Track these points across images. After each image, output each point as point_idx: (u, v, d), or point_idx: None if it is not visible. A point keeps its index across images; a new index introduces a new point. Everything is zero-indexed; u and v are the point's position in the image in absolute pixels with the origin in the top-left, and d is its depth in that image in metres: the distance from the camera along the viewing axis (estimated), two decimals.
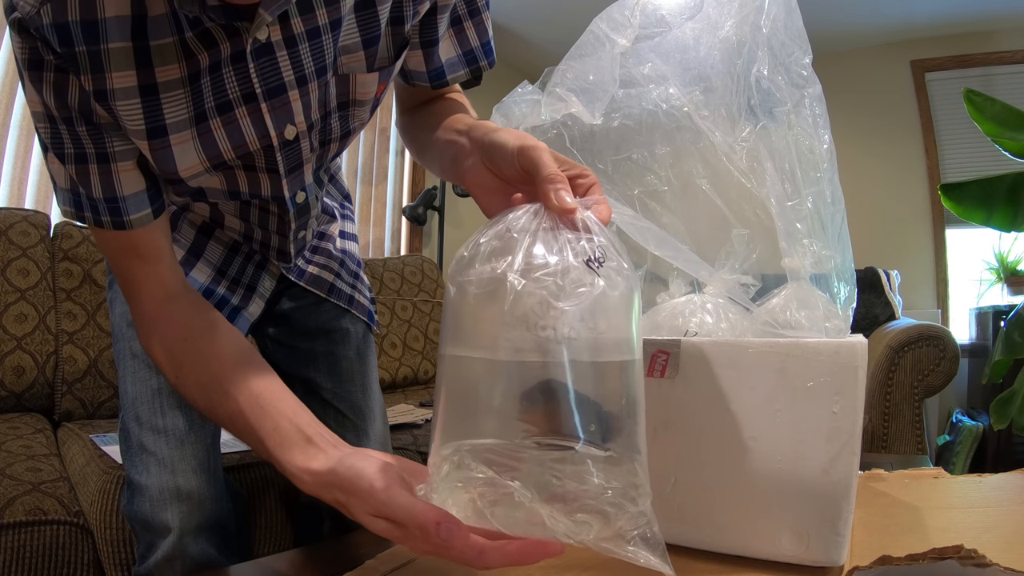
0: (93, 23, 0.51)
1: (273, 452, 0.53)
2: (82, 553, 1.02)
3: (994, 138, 2.13)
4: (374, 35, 0.61)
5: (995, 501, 0.67)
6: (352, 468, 0.47)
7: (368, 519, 0.46)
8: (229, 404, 0.56)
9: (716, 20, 0.56)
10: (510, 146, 0.49)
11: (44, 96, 0.54)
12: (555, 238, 0.40)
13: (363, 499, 0.46)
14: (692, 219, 0.60)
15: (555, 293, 0.38)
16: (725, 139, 0.54)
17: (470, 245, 0.42)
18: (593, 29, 0.61)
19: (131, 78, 0.54)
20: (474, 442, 0.39)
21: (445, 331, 0.42)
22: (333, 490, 0.48)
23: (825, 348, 0.49)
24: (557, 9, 3.07)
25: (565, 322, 0.38)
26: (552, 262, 0.39)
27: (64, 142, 0.56)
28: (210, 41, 0.54)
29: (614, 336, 0.40)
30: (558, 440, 0.37)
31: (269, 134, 0.60)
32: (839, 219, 0.54)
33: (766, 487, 0.51)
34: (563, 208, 0.42)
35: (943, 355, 2.03)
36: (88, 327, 1.63)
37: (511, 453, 0.38)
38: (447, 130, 0.63)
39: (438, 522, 0.40)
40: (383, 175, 3.16)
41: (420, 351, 2.40)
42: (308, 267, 0.90)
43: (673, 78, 0.57)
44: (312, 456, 0.51)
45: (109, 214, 0.59)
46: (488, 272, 0.40)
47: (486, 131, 0.54)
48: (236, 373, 0.57)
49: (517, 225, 0.42)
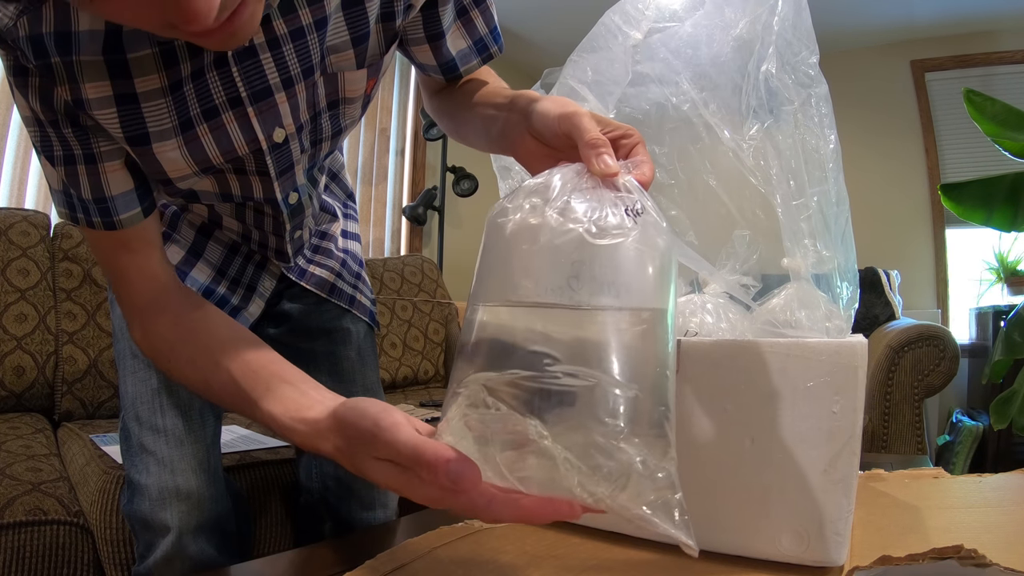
0: (67, 35, 0.51)
1: (267, 410, 0.51)
2: (82, 553, 1.02)
3: (994, 138, 2.13)
4: (363, 32, 0.61)
5: (995, 501, 0.67)
6: (354, 408, 0.45)
7: (371, 464, 0.42)
8: (221, 374, 0.55)
9: (729, 17, 0.56)
10: (552, 114, 0.49)
11: (30, 101, 0.55)
12: (595, 193, 0.40)
13: (366, 440, 0.42)
14: (698, 215, 0.59)
15: (592, 232, 0.37)
16: (733, 137, 0.54)
17: (511, 195, 0.42)
18: (605, 22, 0.61)
19: (106, 88, 0.54)
20: (491, 374, 0.37)
21: (478, 274, 0.41)
22: (332, 436, 0.46)
23: (825, 348, 0.49)
24: (558, 10, 3.07)
25: (599, 262, 0.37)
26: (593, 209, 0.39)
27: (53, 145, 0.57)
28: (192, 49, 0.55)
29: (646, 283, 0.38)
30: (583, 370, 0.35)
31: (258, 138, 0.60)
32: (843, 220, 0.54)
33: (766, 487, 0.51)
34: (605, 173, 0.41)
35: (943, 355, 2.03)
36: (88, 327, 1.64)
37: (530, 386, 0.35)
38: (486, 105, 0.63)
39: (447, 460, 0.37)
40: (383, 175, 3.16)
41: (420, 351, 2.40)
42: (309, 267, 0.90)
43: (684, 73, 0.57)
44: (307, 407, 0.49)
45: (99, 215, 0.59)
46: (526, 213, 0.39)
47: (528, 101, 0.54)
48: (227, 344, 0.57)
49: (558, 181, 0.41)
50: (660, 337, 0.39)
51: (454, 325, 2.53)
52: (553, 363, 0.36)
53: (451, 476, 0.36)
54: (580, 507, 0.36)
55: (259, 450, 1.30)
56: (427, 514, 0.79)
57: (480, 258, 0.41)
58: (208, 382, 0.57)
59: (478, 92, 0.66)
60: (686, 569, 0.52)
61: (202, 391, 0.59)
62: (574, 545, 0.57)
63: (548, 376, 0.35)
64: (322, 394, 0.51)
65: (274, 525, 1.24)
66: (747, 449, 0.51)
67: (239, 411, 0.56)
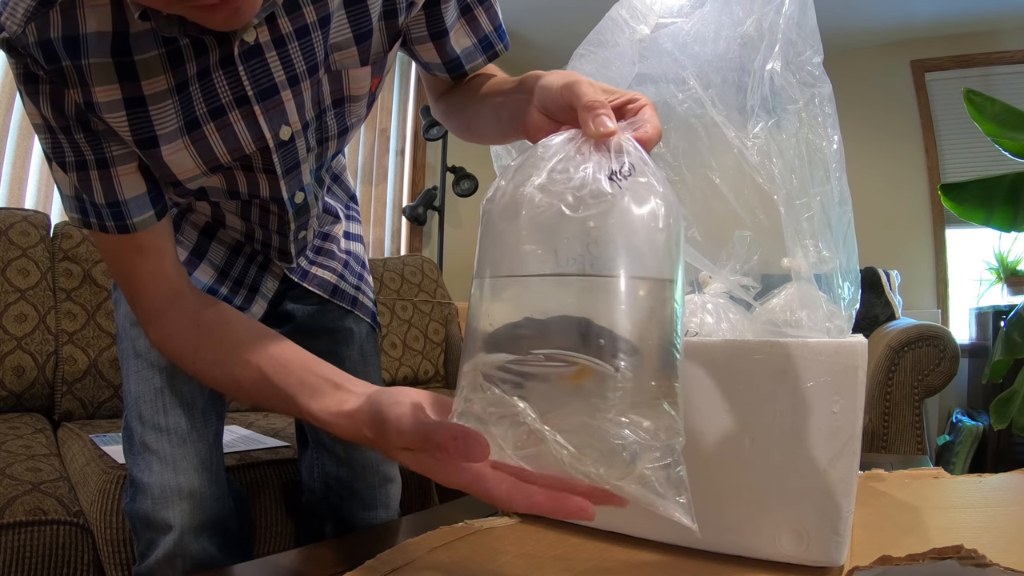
0: (75, 38, 0.51)
1: (304, 405, 0.52)
2: (82, 553, 1.02)
3: (994, 138, 2.13)
4: (366, 30, 0.61)
5: (995, 501, 0.67)
6: (376, 403, 0.46)
7: (398, 454, 0.44)
8: (251, 372, 0.56)
9: (737, 14, 0.56)
10: (555, 86, 0.48)
11: (41, 108, 0.55)
12: (583, 158, 0.39)
13: (389, 433, 0.44)
14: (702, 212, 0.59)
15: (571, 205, 0.36)
16: (738, 134, 0.54)
17: (502, 174, 0.41)
18: (612, 15, 0.61)
19: (115, 91, 0.54)
20: (487, 357, 0.37)
21: (477, 257, 0.41)
22: (364, 429, 0.47)
23: (825, 348, 0.49)
24: (559, 10, 3.07)
25: (579, 235, 0.36)
26: (574, 177, 0.37)
27: (65, 151, 0.57)
28: (199, 48, 0.55)
29: (635, 251, 0.36)
30: (568, 355, 0.34)
31: (264, 136, 0.61)
32: (846, 220, 0.54)
33: (766, 487, 0.51)
34: (601, 134, 0.40)
35: (943, 355, 2.02)
36: (88, 327, 1.63)
37: (521, 369, 0.35)
38: (495, 94, 0.63)
39: (454, 438, 0.37)
40: (383, 175, 3.16)
41: (420, 351, 2.40)
42: (312, 268, 0.90)
43: (690, 69, 0.57)
44: (342, 400, 0.50)
45: (112, 219, 0.59)
46: (511, 191, 0.39)
47: (535, 79, 0.53)
48: (252, 342, 0.58)
49: (548, 150, 0.40)
50: (659, 305, 0.37)
51: (454, 325, 2.53)
52: (540, 342, 0.35)
53: (461, 452, 0.37)
54: (592, 509, 0.36)
55: (259, 450, 1.30)
56: (427, 514, 0.79)
57: (478, 243, 0.41)
58: (239, 381, 0.58)
59: (486, 84, 0.66)
60: (686, 569, 0.52)
61: (233, 390, 0.60)
62: (574, 545, 0.57)
63: (533, 361, 0.35)
64: (355, 385, 0.52)
65: (274, 525, 1.24)
66: (747, 449, 0.51)
67: (274, 408, 0.57)
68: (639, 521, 0.57)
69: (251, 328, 0.61)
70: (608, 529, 0.59)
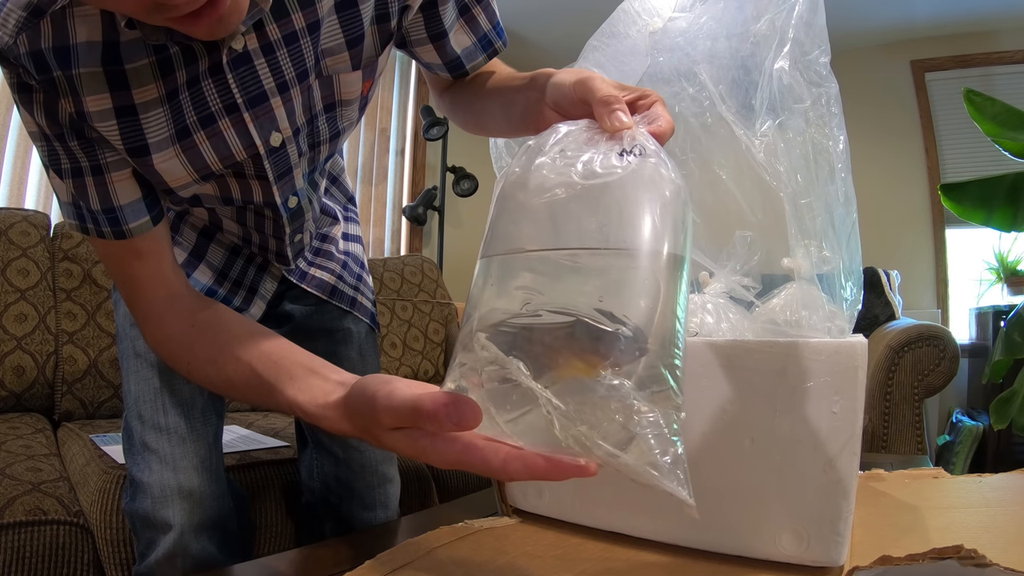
0: (65, 48, 0.52)
1: (293, 400, 0.52)
2: (82, 553, 1.02)
3: (994, 138, 2.13)
4: (358, 34, 0.61)
5: (995, 501, 0.67)
6: (356, 387, 0.45)
7: (387, 436, 0.42)
8: (243, 369, 0.56)
9: (749, 12, 0.56)
10: (567, 83, 0.49)
11: (36, 117, 0.55)
12: (595, 141, 0.39)
13: (373, 414, 0.42)
14: (708, 208, 0.59)
15: (581, 174, 0.36)
16: (746, 131, 0.54)
17: (516, 157, 0.41)
18: (625, 7, 0.61)
19: (106, 101, 0.54)
20: (485, 317, 0.36)
21: (484, 238, 0.40)
22: (354, 417, 0.46)
23: (825, 348, 0.49)
24: (559, 10, 3.07)
25: (587, 204, 0.36)
26: (585, 154, 0.37)
27: (60, 158, 0.57)
28: (189, 56, 0.55)
29: (639, 222, 0.36)
30: (566, 310, 0.34)
31: (255, 143, 0.60)
32: (850, 221, 0.54)
33: (766, 487, 0.51)
34: (616, 127, 0.40)
35: (943, 355, 2.02)
36: (88, 327, 1.63)
37: (517, 324, 0.34)
38: (503, 90, 0.63)
39: (444, 404, 0.35)
40: (383, 175, 3.16)
41: (420, 351, 2.40)
42: (310, 269, 0.90)
43: (701, 64, 0.57)
44: (330, 392, 0.49)
45: (108, 224, 0.60)
46: (520, 168, 0.39)
47: (546, 77, 0.54)
48: (245, 339, 0.58)
49: (559, 135, 0.40)
50: (662, 277, 0.36)
51: (454, 325, 2.53)
52: (539, 307, 0.34)
53: (453, 418, 0.35)
54: (594, 465, 0.34)
55: (259, 450, 1.30)
56: (427, 514, 0.79)
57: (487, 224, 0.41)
58: (232, 379, 0.57)
59: (491, 80, 0.66)
60: (686, 569, 0.52)
61: (226, 390, 0.60)
62: (575, 545, 0.57)
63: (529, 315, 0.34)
64: (342, 376, 0.51)
65: (274, 525, 1.24)
66: (747, 449, 0.51)
67: (266, 405, 0.56)
68: (640, 521, 0.57)
69: (245, 327, 0.60)
70: (609, 529, 0.59)
